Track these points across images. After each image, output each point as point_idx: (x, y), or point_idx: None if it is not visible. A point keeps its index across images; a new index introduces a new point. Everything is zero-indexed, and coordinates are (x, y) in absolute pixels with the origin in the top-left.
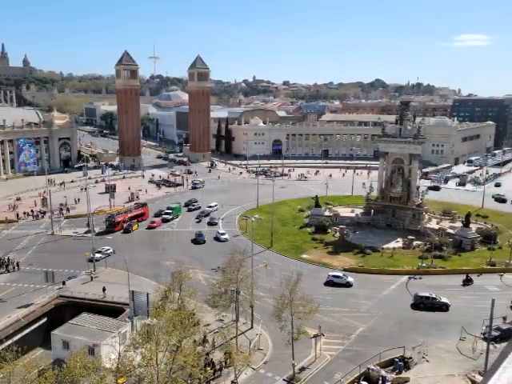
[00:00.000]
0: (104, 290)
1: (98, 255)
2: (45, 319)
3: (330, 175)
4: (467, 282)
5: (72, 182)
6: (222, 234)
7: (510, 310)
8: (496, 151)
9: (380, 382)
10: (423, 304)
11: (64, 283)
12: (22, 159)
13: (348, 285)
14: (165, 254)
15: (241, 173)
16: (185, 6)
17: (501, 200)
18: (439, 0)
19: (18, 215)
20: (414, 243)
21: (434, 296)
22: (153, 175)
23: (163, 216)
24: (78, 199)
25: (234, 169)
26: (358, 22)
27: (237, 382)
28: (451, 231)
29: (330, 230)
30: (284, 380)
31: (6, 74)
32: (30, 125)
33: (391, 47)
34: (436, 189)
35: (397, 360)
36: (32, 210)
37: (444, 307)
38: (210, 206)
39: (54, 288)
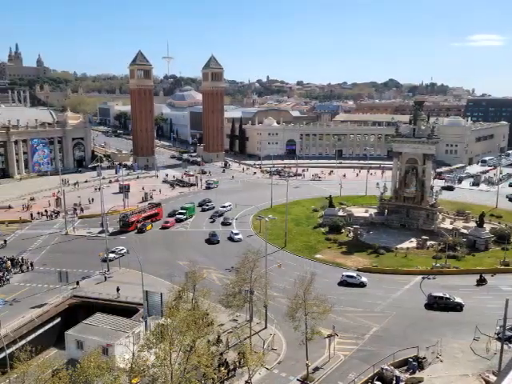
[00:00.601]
0: (118, 290)
1: (111, 255)
2: (59, 319)
3: (344, 175)
4: (481, 282)
5: (86, 181)
6: (236, 233)
7: None
8: (510, 151)
9: (394, 382)
10: (437, 304)
11: (78, 283)
12: (35, 159)
13: (362, 285)
14: (179, 254)
15: (255, 173)
16: (199, 5)
17: None
18: (453, 0)
19: (31, 215)
20: (428, 243)
21: (447, 296)
22: (167, 175)
23: (177, 216)
24: (92, 199)
25: (247, 169)
26: (372, 22)
27: (251, 382)
28: (465, 231)
29: (343, 230)
30: (298, 380)
31: (20, 74)
32: (44, 125)
33: (404, 47)
34: (450, 189)
35: (411, 360)
36: (46, 210)
37: (458, 307)
38: (224, 206)
39: (67, 288)
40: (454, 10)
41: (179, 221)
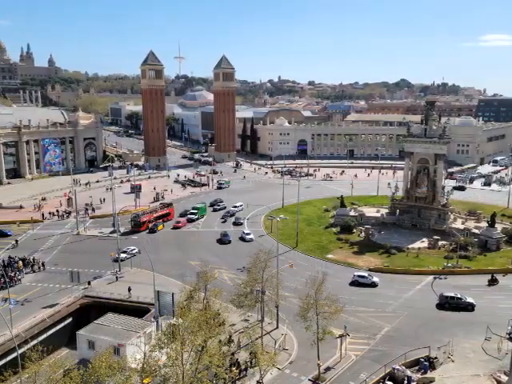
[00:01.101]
0: (129, 289)
1: (123, 255)
2: (70, 319)
3: (356, 175)
4: (492, 282)
5: (97, 182)
6: (248, 233)
7: None
8: None
9: (405, 382)
10: (448, 304)
11: (89, 283)
12: (47, 159)
13: (373, 285)
14: (190, 254)
15: (266, 173)
16: (210, 5)
17: None
18: (464, 0)
19: (43, 215)
20: (440, 243)
21: (459, 296)
22: (178, 175)
23: (188, 216)
24: (104, 199)
25: (259, 169)
26: (383, 22)
27: (262, 382)
28: (476, 231)
29: (355, 230)
30: (309, 380)
31: (32, 74)
32: (56, 125)
33: (416, 47)
34: (461, 189)
35: (422, 360)
36: (57, 210)
37: (469, 307)
38: (236, 206)
39: (79, 288)
40: (465, 10)
41: (191, 221)
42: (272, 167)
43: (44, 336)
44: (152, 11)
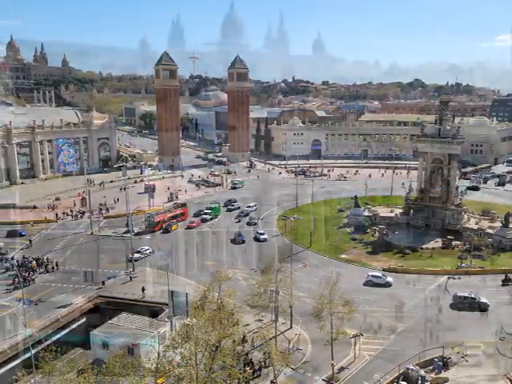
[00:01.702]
0: (143, 290)
1: (137, 255)
2: (84, 319)
3: (370, 175)
4: (506, 281)
5: (111, 181)
6: (262, 233)
7: None
8: None
9: (419, 382)
10: (462, 304)
11: (103, 283)
12: (61, 159)
13: (387, 285)
14: (204, 254)
15: (280, 173)
16: (226, 5)
17: None
18: (478, 0)
19: (57, 215)
20: (453, 243)
21: (473, 296)
22: (192, 175)
23: (202, 216)
24: (117, 199)
25: (273, 169)
26: (396, 23)
27: (276, 382)
28: (490, 231)
29: (369, 230)
30: (323, 380)
31: (45, 74)
32: (69, 125)
33: (430, 46)
34: (475, 189)
35: (436, 360)
36: (71, 210)
37: (483, 307)
38: (250, 206)
39: (93, 288)
40: (479, 11)
41: (204, 221)
42: (286, 167)
43: (58, 336)
44: (166, 11)
